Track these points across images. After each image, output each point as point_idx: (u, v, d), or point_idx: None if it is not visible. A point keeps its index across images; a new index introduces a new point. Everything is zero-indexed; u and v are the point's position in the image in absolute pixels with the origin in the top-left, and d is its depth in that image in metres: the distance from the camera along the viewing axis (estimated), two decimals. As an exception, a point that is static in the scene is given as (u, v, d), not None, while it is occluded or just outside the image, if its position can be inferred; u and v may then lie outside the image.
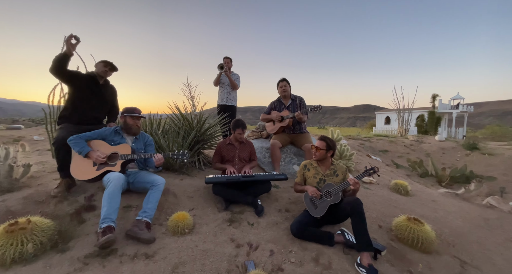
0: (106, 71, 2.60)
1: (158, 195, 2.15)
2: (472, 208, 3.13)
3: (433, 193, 3.48)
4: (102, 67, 2.57)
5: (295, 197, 2.78)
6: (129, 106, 2.44)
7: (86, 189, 2.41)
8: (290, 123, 3.32)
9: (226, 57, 4.27)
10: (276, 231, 2.17)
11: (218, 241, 1.96)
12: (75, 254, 1.66)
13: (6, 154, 2.44)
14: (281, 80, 3.41)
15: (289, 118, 3.29)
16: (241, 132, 2.77)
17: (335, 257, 1.87)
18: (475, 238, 2.43)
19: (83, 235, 1.87)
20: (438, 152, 6.02)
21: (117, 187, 1.96)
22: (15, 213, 1.98)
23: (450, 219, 2.71)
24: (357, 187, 2.04)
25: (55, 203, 2.13)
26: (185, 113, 3.58)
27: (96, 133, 2.26)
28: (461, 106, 17.15)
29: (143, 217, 1.97)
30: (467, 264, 2.01)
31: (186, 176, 3.07)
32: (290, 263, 1.78)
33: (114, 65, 2.62)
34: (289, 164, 3.48)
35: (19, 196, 2.18)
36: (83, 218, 2.02)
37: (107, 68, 2.60)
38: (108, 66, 2.60)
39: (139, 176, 2.30)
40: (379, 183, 3.49)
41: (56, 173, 2.95)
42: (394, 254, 2.02)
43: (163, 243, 1.85)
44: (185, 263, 1.69)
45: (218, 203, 2.53)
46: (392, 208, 2.77)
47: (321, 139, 2.30)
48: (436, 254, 2.07)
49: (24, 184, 2.48)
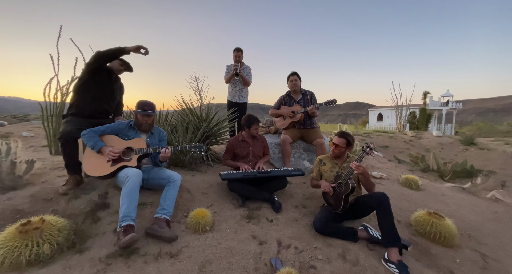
0: (120, 70, 2.57)
1: (175, 191, 2.06)
2: (480, 202, 3.19)
3: (441, 188, 3.53)
4: (118, 65, 2.53)
5: (309, 193, 2.75)
6: (141, 100, 2.24)
7: (96, 186, 2.28)
8: (302, 118, 3.26)
9: (237, 50, 3.96)
10: (297, 227, 2.12)
11: (240, 239, 1.90)
12: (95, 254, 1.56)
13: (8, 149, 2.28)
14: (292, 74, 3.33)
15: (301, 113, 3.23)
16: (257, 127, 2.69)
17: (361, 253, 1.85)
18: (489, 231, 2.47)
19: (100, 234, 1.76)
20: (437, 147, 6.15)
21: (136, 184, 1.86)
22: (23, 212, 1.84)
23: (462, 213, 2.75)
24: (361, 170, 1.93)
25: (66, 201, 2.00)
26: (193, 107, 3.46)
27: (110, 127, 2.13)
28: (450, 103, 17.62)
29: (162, 214, 1.88)
30: (488, 257, 2.03)
31: (196, 172, 2.98)
32: (317, 260, 1.74)
33: (130, 65, 2.59)
34: (299, 159, 3.44)
35: (25, 194, 2.04)
36: (98, 216, 1.90)
37: (123, 67, 2.56)
38: (124, 66, 2.57)
39: (153, 172, 2.20)
40: (389, 178, 3.51)
41: (58, 170, 2.80)
42: (417, 249, 2.02)
43: (186, 241, 1.77)
44: (211, 261, 1.62)
45: (234, 200, 2.47)
46: (406, 202, 2.78)
47: (341, 136, 2.20)
48: (458, 248, 2.08)
49: (28, 181, 2.33)
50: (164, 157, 2.11)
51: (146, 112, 2.15)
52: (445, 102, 17.82)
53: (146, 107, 2.17)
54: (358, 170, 1.93)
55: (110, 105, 2.51)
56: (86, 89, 2.31)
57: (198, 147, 2.20)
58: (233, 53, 4.03)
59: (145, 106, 2.17)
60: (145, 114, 2.16)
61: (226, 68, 4.12)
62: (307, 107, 3.16)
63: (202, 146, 2.21)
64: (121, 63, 2.54)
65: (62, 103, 3.88)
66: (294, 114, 3.28)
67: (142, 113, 2.15)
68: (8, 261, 1.38)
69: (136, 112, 2.17)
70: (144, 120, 2.18)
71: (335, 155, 2.27)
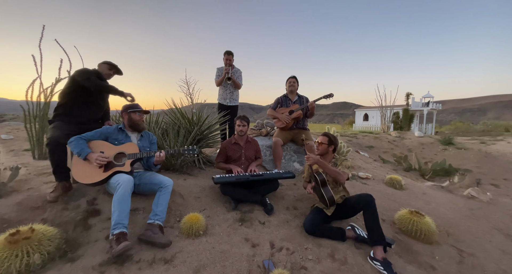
0: (110, 74, 2.51)
1: (168, 197, 2.07)
2: (457, 200, 3.41)
3: (422, 186, 3.73)
4: (106, 70, 2.46)
5: (300, 195, 2.83)
6: (129, 103, 2.32)
7: (85, 192, 2.24)
8: (301, 116, 3.38)
9: (228, 53, 3.99)
10: (288, 229, 2.19)
11: (233, 242, 1.94)
12: (88, 263, 1.55)
13: (-10, 156, 2.20)
14: (291, 76, 3.54)
15: (299, 110, 3.35)
16: (242, 124, 2.74)
17: (349, 252, 1.94)
18: (465, 227, 2.65)
19: (92, 241, 1.75)
20: (418, 147, 6.44)
21: (127, 190, 1.85)
22: (9, 221, 1.79)
23: (441, 211, 2.93)
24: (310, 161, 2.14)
25: (55, 208, 1.96)
26: (184, 111, 3.45)
27: (98, 132, 2.11)
28: (431, 104, 18.45)
29: (155, 220, 1.89)
30: (464, 252, 2.19)
31: (188, 175, 2.99)
32: (308, 260, 1.82)
33: (119, 68, 2.53)
34: (289, 161, 3.52)
35: (11, 202, 1.98)
36: (88, 223, 1.88)
37: (112, 71, 2.50)
38: (113, 70, 2.51)
39: (145, 178, 2.19)
40: (374, 178, 3.66)
41: (44, 176, 2.73)
42: (400, 246, 2.14)
43: (179, 247, 1.80)
44: (205, 266, 1.65)
45: (226, 203, 2.50)
46: (391, 202, 2.92)
47: (324, 135, 2.41)
48: (437, 244, 2.22)
49: (13, 188, 2.25)
50: (159, 161, 2.14)
51: (143, 110, 2.23)
52: (426, 103, 18.63)
53: (139, 106, 2.25)
54: (308, 161, 2.15)
55: (101, 110, 2.47)
56: (75, 95, 2.26)
57: (191, 150, 2.23)
58: (224, 56, 4.05)
59: (138, 105, 2.26)
60: (141, 112, 2.22)
61: (217, 71, 4.13)
62: (307, 103, 3.31)
63: (195, 148, 2.24)
64: (110, 67, 2.48)
65: (46, 104, 3.76)
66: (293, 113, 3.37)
67: (138, 111, 2.20)
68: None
69: (131, 112, 2.19)
70: (141, 118, 2.24)
71: (319, 152, 2.37)
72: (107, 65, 2.46)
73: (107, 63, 2.45)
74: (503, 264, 2.13)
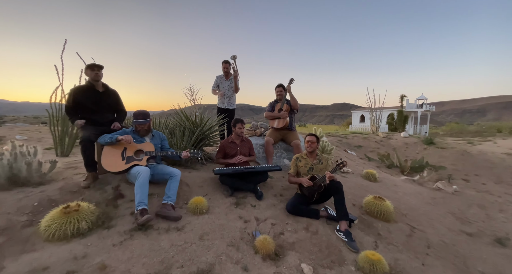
0: (96, 74, 2.74)
1: (177, 184, 2.59)
2: (424, 191, 3.94)
3: (396, 180, 4.25)
4: (90, 73, 2.73)
5: (286, 185, 3.35)
6: (135, 111, 2.72)
7: (110, 181, 2.77)
8: (289, 109, 3.90)
9: (225, 62, 4.50)
10: (274, 210, 2.71)
11: (230, 218, 2.46)
12: (120, 229, 2.07)
13: (35, 151, 2.72)
14: (278, 85, 4.04)
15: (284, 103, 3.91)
16: (242, 127, 3.27)
17: (321, 226, 2.47)
18: (423, 211, 3.18)
19: (120, 216, 2.27)
20: (402, 147, 6.98)
21: (146, 178, 2.38)
22: (56, 201, 2.32)
23: (406, 199, 3.46)
24: (332, 178, 2.58)
25: (90, 192, 2.49)
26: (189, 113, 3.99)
27: (117, 133, 2.62)
28: (425, 105, 19.00)
29: (168, 201, 2.41)
30: (415, 228, 2.72)
31: (192, 169, 3.51)
32: (287, 231, 2.35)
33: (97, 64, 2.74)
34: (280, 158, 4.05)
35: (54, 187, 2.51)
36: (116, 203, 2.41)
37: (95, 70, 2.73)
38: (95, 68, 2.73)
39: (158, 169, 2.72)
40: (354, 172, 4.19)
41: (71, 169, 3.26)
42: (364, 223, 2.67)
43: (188, 220, 2.32)
44: (208, 233, 2.17)
45: (225, 191, 3.02)
46: (363, 191, 3.44)
47: (312, 135, 2.93)
48: (394, 222, 2.75)
49: (51, 178, 2.78)
50: (186, 156, 2.72)
51: (139, 121, 2.65)
52: (420, 105, 19.19)
53: (139, 117, 2.67)
54: (329, 180, 2.57)
55: (106, 116, 2.87)
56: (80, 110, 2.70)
57: (196, 153, 2.77)
58: (222, 65, 4.59)
59: (138, 116, 2.67)
60: (138, 120, 2.66)
61: (216, 79, 4.66)
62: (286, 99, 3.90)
63: (199, 153, 2.79)
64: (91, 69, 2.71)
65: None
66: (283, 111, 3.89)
67: (137, 123, 2.66)
68: (58, 234, 1.87)
69: (134, 119, 2.68)
70: (141, 127, 2.69)
71: (311, 150, 2.88)
72: (89, 69, 2.72)
73: (86, 67, 2.75)
74: (446, 238, 2.67)
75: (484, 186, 4.82)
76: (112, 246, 1.87)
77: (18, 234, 1.91)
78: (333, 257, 2.09)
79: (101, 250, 1.82)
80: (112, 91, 2.97)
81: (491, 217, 3.39)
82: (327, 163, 2.88)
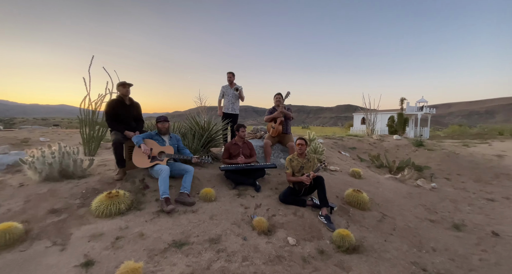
0: (127, 90, 3.42)
1: (191, 177, 3.22)
2: (404, 187, 4.48)
3: (380, 178, 4.81)
4: (122, 89, 3.42)
5: (281, 181, 3.94)
6: (159, 116, 3.47)
7: (136, 175, 3.41)
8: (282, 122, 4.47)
9: (229, 72, 5.20)
10: (269, 200, 3.31)
11: (233, 205, 3.07)
12: (149, 211, 2.71)
13: (78, 151, 3.37)
14: (277, 94, 4.60)
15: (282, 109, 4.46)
16: (244, 130, 3.90)
17: (306, 212, 3.05)
18: (397, 203, 3.74)
19: (147, 202, 2.90)
20: (394, 149, 7.50)
21: (167, 174, 3.01)
22: (97, 189, 2.97)
23: (385, 193, 4.02)
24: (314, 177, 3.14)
25: (122, 183, 3.14)
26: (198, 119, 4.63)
27: (146, 134, 3.29)
28: (425, 108, 19.36)
29: (184, 190, 3.04)
30: (386, 216, 3.28)
31: (201, 167, 4.13)
32: (279, 215, 2.94)
33: (128, 83, 3.45)
34: (277, 158, 4.65)
35: (94, 180, 3.17)
36: (144, 192, 3.05)
37: (126, 87, 3.41)
38: (126, 86, 3.41)
39: (175, 166, 3.35)
40: (342, 171, 4.77)
41: (102, 166, 3.92)
42: (343, 211, 3.25)
43: (200, 205, 2.94)
44: (216, 215, 2.78)
45: (229, 184, 3.63)
46: (348, 186, 4.01)
47: (301, 139, 3.49)
48: (369, 210, 3.32)
49: (89, 173, 3.44)
50: (195, 161, 3.36)
51: (161, 122, 3.36)
52: (420, 107, 19.55)
53: (161, 118, 3.40)
54: (313, 177, 3.14)
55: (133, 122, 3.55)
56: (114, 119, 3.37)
57: (206, 159, 3.39)
58: (227, 75, 5.26)
59: (160, 118, 3.41)
60: (160, 121, 3.36)
61: (221, 89, 5.31)
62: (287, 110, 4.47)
63: (209, 158, 3.41)
64: (123, 86, 3.36)
65: (94, 114, 4.99)
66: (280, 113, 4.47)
67: (160, 123, 3.35)
68: (105, 212, 2.51)
69: (156, 123, 3.37)
70: (162, 126, 3.37)
71: (301, 152, 3.47)
72: (121, 85, 3.42)
73: (119, 84, 3.42)
74: (411, 223, 3.23)
75: (463, 184, 5.32)
76: (145, 222, 2.50)
77: (75, 212, 2.56)
78: (313, 234, 2.68)
79: (138, 224, 2.45)
80: (136, 104, 3.65)
81: (459, 209, 3.92)
82: (314, 161, 3.47)
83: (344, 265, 2.23)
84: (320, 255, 2.34)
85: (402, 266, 2.29)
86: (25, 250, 1.97)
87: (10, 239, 2.01)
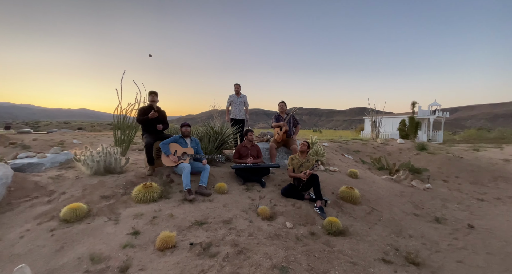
0: (153, 98, 4.27)
1: (207, 173, 3.89)
2: (397, 186, 4.92)
3: (376, 178, 5.26)
4: (151, 98, 4.26)
5: (284, 178, 4.53)
6: (183, 122, 4.20)
7: (162, 171, 4.13)
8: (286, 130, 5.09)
9: (236, 84, 6.04)
10: (273, 194, 3.91)
11: (242, 197, 3.69)
12: (175, 199, 3.39)
13: (117, 151, 4.15)
14: (281, 102, 5.23)
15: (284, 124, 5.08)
16: (252, 134, 4.55)
17: (304, 204, 3.62)
18: (388, 200, 4.21)
19: (173, 192, 3.60)
20: (396, 152, 7.85)
21: (189, 171, 3.69)
22: (135, 182, 3.70)
23: (378, 191, 4.49)
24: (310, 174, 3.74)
25: (152, 178, 3.86)
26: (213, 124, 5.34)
27: (172, 138, 4.01)
28: (437, 112, 19.16)
29: (202, 184, 3.71)
30: (375, 210, 3.78)
31: (215, 166, 4.81)
32: (280, 205, 3.53)
33: (155, 92, 4.31)
34: (282, 159, 5.24)
35: (130, 175, 3.92)
36: (170, 185, 3.75)
37: (151, 96, 4.27)
38: (153, 94, 4.28)
39: (195, 164, 4.04)
40: (341, 171, 5.27)
41: (133, 165, 4.69)
42: (336, 205, 3.78)
43: (215, 196, 3.59)
44: (228, 204, 3.42)
45: (239, 180, 4.27)
46: (344, 184, 4.51)
47: (305, 142, 4.10)
48: (360, 204, 3.83)
49: (126, 169, 4.21)
50: (204, 163, 3.99)
51: (185, 127, 4.07)
52: (433, 111, 19.37)
53: (185, 124, 4.12)
54: (309, 174, 3.73)
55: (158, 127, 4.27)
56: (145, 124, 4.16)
57: (220, 158, 4.07)
58: (234, 87, 6.04)
59: (184, 124, 4.12)
60: (184, 126, 4.07)
61: (229, 98, 6.09)
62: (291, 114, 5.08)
63: (222, 157, 4.08)
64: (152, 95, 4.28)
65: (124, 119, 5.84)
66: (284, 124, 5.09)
67: (184, 128, 4.06)
68: (143, 199, 3.22)
69: (181, 127, 4.08)
70: (185, 130, 4.08)
71: (302, 150, 4.06)
72: (150, 96, 4.28)
73: (149, 93, 4.27)
74: (396, 216, 3.71)
75: (458, 185, 5.64)
76: (173, 207, 3.18)
77: (120, 199, 3.29)
78: (308, 220, 3.25)
79: (167, 208, 3.13)
80: (162, 111, 4.42)
81: (446, 207, 4.33)
82: (312, 162, 4.04)
83: (330, 243, 2.78)
84: (311, 236, 2.90)
85: (378, 246, 2.81)
86: (90, 223, 2.69)
87: (79, 215, 2.75)
